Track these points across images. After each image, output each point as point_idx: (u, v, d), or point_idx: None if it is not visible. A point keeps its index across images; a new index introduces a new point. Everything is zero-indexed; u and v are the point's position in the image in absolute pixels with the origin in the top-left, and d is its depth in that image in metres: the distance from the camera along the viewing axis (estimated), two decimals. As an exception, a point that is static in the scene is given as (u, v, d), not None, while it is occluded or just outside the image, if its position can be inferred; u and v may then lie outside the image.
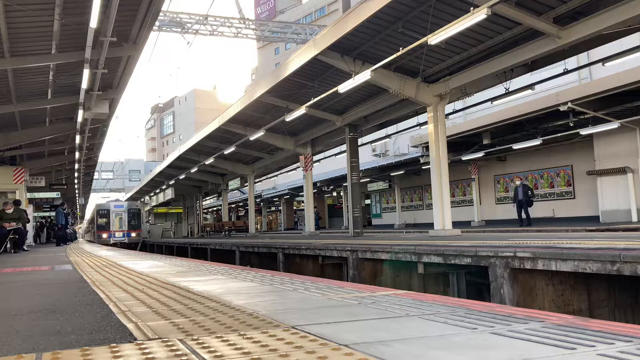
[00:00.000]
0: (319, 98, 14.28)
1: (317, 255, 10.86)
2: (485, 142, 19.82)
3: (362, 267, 9.20)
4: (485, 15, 8.32)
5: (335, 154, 26.06)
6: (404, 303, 2.78)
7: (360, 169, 18.17)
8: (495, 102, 16.31)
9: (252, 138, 19.38)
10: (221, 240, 19.44)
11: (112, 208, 33.21)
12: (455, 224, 13.68)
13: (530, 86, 14.40)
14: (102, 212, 32.88)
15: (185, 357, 1.70)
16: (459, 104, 17.98)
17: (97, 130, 17.88)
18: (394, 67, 12.58)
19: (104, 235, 32.08)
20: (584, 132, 16.62)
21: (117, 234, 32.34)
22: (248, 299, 3.16)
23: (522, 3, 9.75)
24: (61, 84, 12.60)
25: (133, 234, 32.85)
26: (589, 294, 6.06)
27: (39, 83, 12.53)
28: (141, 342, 1.98)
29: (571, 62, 15.02)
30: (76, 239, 39.65)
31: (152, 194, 44.59)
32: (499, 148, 20.06)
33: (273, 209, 53.60)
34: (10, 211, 13.76)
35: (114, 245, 29.01)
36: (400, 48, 10.58)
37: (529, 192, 17.32)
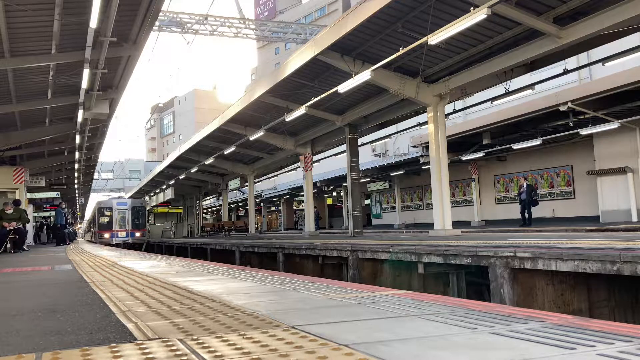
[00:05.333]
0: (319, 98, 14.28)
1: (317, 255, 10.86)
2: (485, 142, 19.82)
3: (362, 267, 9.20)
4: (485, 15, 8.32)
5: (335, 154, 26.06)
6: (403, 303, 2.78)
7: (360, 169, 18.17)
8: (495, 102, 16.31)
9: (252, 138, 19.38)
10: (221, 240, 19.45)
11: (115, 206, 30.75)
12: (455, 224, 13.67)
13: (530, 86, 14.39)
14: (104, 210, 30.52)
15: (185, 357, 1.70)
16: (459, 104, 17.97)
17: (97, 130, 17.87)
18: (394, 67, 12.58)
19: (106, 235, 29.85)
20: (584, 132, 16.62)
21: (120, 234, 29.97)
22: (248, 299, 3.16)
23: (522, 3, 9.74)
24: (61, 84, 12.59)
25: (137, 234, 30.45)
26: (589, 294, 6.06)
27: (39, 83, 12.52)
28: (141, 342, 1.98)
29: (571, 62, 15.02)
30: (75, 238, 39.48)
31: (152, 194, 44.58)
32: (499, 148, 20.06)
33: (273, 209, 53.59)
34: (10, 211, 13.76)
35: (117, 245, 26.95)
36: (400, 48, 10.58)
37: (532, 193, 17.44)
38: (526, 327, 2.01)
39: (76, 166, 22.84)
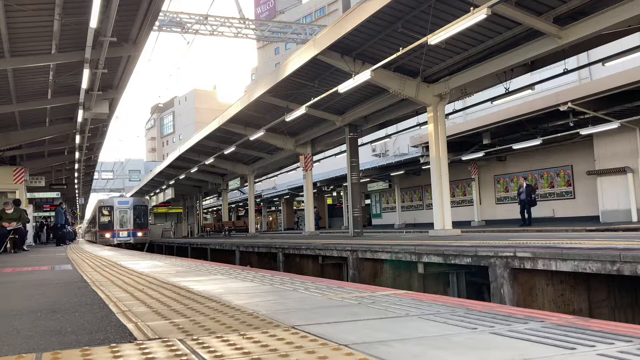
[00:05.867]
0: (319, 98, 14.28)
1: (317, 255, 10.86)
2: (485, 142, 19.82)
3: (362, 267, 9.20)
4: (485, 15, 8.31)
5: (335, 154, 26.06)
6: (404, 303, 2.78)
7: (360, 169, 18.17)
8: (495, 102, 16.31)
9: (252, 138, 19.38)
10: (221, 240, 19.45)
11: (116, 204, 29.80)
12: (455, 224, 13.67)
13: (530, 86, 14.39)
14: (105, 209, 29.49)
15: (185, 357, 1.70)
16: (459, 104, 17.97)
17: (97, 130, 17.88)
18: (394, 67, 12.58)
19: (107, 235, 28.87)
20: (584, 132, 16.62)
21: (121, 234, 29.01)
22: (248, 299, 3.16)
23: (522, 3, 9.74)
24: (61, 84, 12.60)
25: (139, 234, 29.43)
26: (589, 294, 6.06)
27: (39, 83, 12.52)
28: (141, 342, 1.98)
29: (571, 62, 15.02)
30: (75, 238, 39.41)
31: (152, 194, 44.61)
32: (499, 148, 20.06)
33: (273, 209, 53.62)
34: (10, 211, 13.76)
35: (118, 246, 26.38)
36: (400, 48, 10.57)
37: (531, 193, 17.47)
38: (526, 327, 2.01)
39: (76, 166, 22.84)
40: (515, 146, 19.30)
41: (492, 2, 8.23)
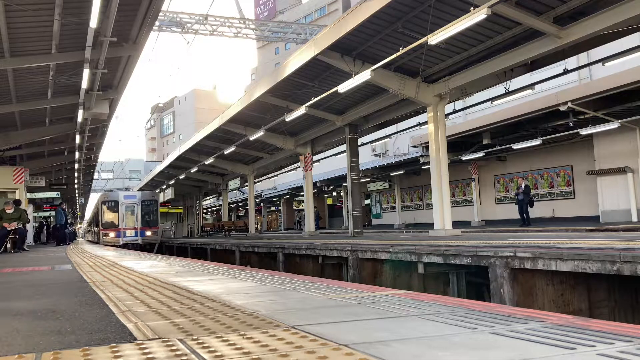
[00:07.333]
0: (319, 98, 14.28)
1: (317, 255, 10.86)
2: (485, 142, 19.82)
3: (362, 267, 9.20)
4: (485, 15, 8.31)
5: (335, 154, 26.06)
6: (404, 303, 2.78)
7: (360, 169, 18.17)
8: (495, 102, 16.31)
9: (252, 138, 19.38)
10: (221, 240, 19.45)
11: (122, 199, 26.07)
12: (455, 224, 13.67)
13: (530, 86, 14.39)
14: (109, 205, 25.90)
15: (185, 357, 1.70)
16: (459, 104, 17.96)
17: (97, 130, 17.88)
18: (394, 67, 12.58)
19: (111, 234, 25.35)
20: (584, 132, 16.62)
21: (127, 233, 25.54)
22: (248, 298, 3.16)
23: (522, 3, 9.74)
24: (61, 84, 12.60)
25: (148, 233, 25.91)
26: (589, 294, 6.06)
27: (39, 83, 12.52)
28: (141, 342, 1.98)
29: (571, 62, 15.01)
30: (75, 239, 39.38)
31: (152, 194, 44.57)
32: (499, 148, 20.07)
33: (273, 209, 53.63)
34: (10, 211, 13.75)
35: (124, 246, 23.31)
36: (400, 48, 10.57)
37: (529, 193, 17.56)
38: (526, 327, 2.01)
39: (76, 166, 22.84)
40: (515, 146, 19.30)
41: (492, 2, 8.23)
